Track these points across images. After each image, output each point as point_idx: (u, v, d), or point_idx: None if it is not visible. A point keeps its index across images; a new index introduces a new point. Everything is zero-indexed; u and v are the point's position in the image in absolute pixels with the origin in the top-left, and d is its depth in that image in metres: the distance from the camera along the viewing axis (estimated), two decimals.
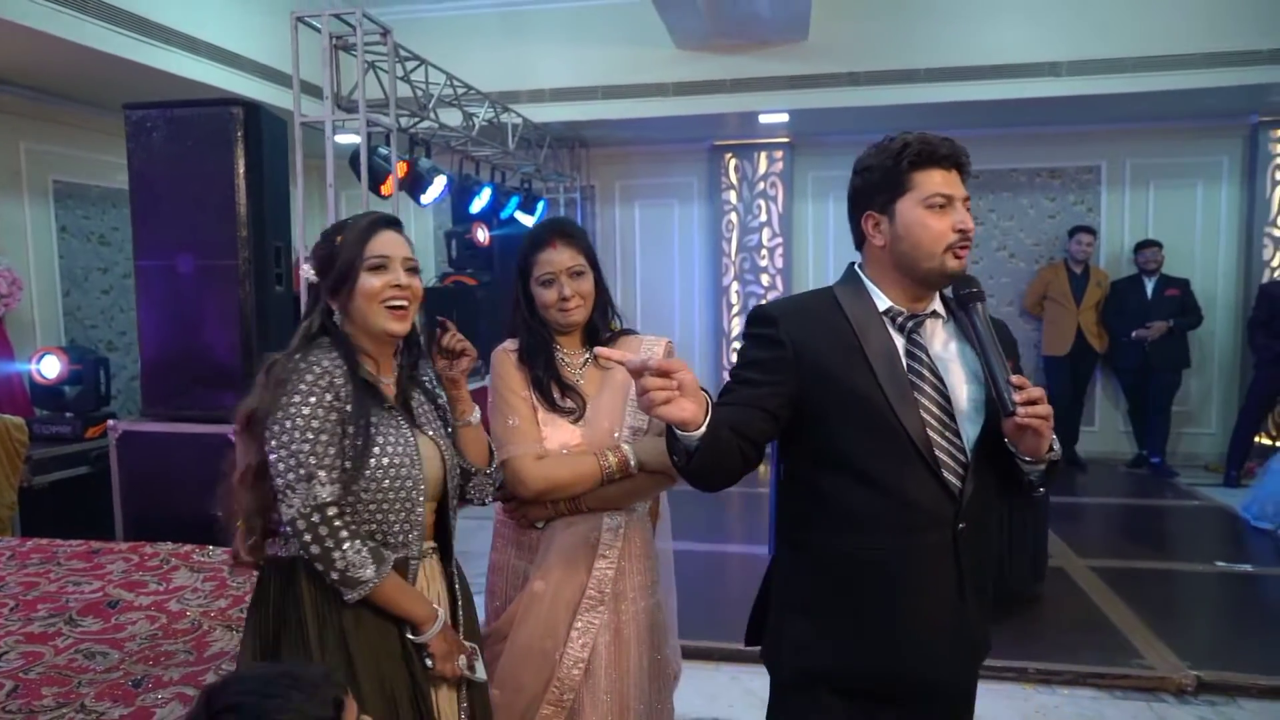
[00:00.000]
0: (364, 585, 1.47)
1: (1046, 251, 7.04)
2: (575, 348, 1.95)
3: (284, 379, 1.49)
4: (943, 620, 1.44)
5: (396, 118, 4.17)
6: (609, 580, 1.86)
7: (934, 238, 1.43)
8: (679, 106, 6.21)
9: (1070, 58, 5.68)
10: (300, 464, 1.45)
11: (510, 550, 1.95)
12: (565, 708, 1.83)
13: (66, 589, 2.97)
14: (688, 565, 4.64)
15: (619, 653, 1.88)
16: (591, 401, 1.90)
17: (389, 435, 1.53)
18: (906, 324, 1.47)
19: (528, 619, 1.84)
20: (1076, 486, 6.20)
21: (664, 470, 1.82)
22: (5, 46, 4.17)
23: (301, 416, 1.46)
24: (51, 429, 4.58)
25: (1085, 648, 3.48)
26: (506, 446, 1.84)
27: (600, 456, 1.83)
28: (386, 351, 1.63)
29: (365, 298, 1.54)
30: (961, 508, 1.42)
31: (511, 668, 1.83)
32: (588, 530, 1.86)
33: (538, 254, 1.89)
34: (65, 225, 5.41)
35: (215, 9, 5.03)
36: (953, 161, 1.47)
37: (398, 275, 1.56)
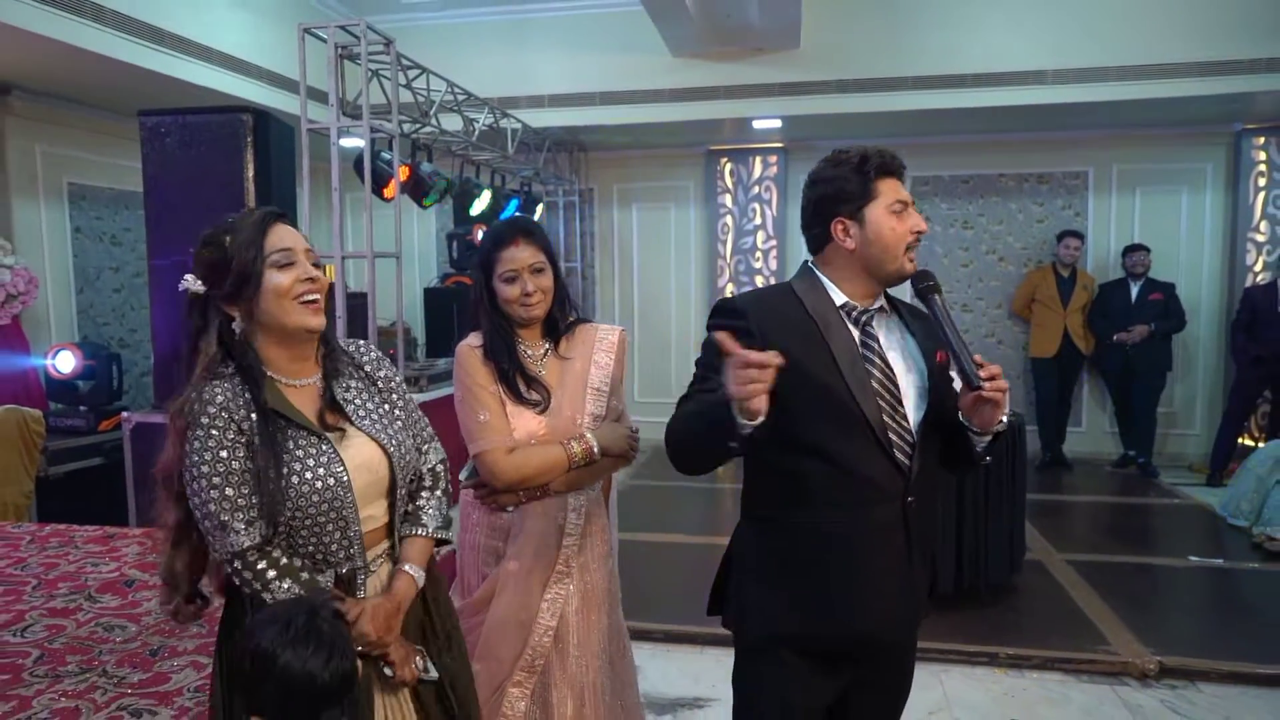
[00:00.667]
0: None
1: (1035, 255, 7.19)
2: (535, 340, 2.05)
3: (187, 424, 1.40)
4: (894, 584, 1.61)
5: (399, 123, 4.34)
6: (574, 554, 2.01)
7: (898, 239, 1.61)
8: (675, 112, 6.38)
9: (1055, 66, 5.83)
10: (210, 514, 1.39)
11: (481, 533, 2.03)
12: (535, 673, 1.98)
13: (85, 569, 3.14)
14: (675, 556, 4.84)
15: (585, 617, 2.03)
16: (555, 392, 2.01)
17: (306, 457, 1.45)
18: (861, 318, 1.63)
19: (504, 595, 1.97)
20: (1061, 485, 6.34)
21: (621, 453, 2.01)
22: (24, 54, 4.35)
23: (205, 464, 1.39)
24: (66, 422, 4.75)
25: (1056, 635, 3.63)
26: (478, 441, 1.93)
27: (566, 445, 1.94)
28: (306, 350, 1.53)
29: (276, 296, 1.44)
30: (910, 483, 1.58)
31: (490, 640, 1.97)
32: (556, 512, 2.00)
33: (500, 251, 1.96)
34: (79, 226, 5.59)
35: (226, 19, 5.21)
36: (902, 171, 1.65)
37: (305, 268, 1.48)
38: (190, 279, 1.47)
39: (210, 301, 1.46)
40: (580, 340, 2.08)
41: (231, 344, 1.46)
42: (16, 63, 4.55)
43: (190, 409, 1.41)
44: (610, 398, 2.05)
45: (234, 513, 1.40)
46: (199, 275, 1.46)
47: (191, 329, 1.48)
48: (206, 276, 1.46)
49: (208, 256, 1.46)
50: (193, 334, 1.48)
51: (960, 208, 7.35)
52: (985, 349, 7.30)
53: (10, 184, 5.09)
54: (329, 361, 1.56)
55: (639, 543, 4.93)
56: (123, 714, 2.14)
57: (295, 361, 1.52)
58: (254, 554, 1.41)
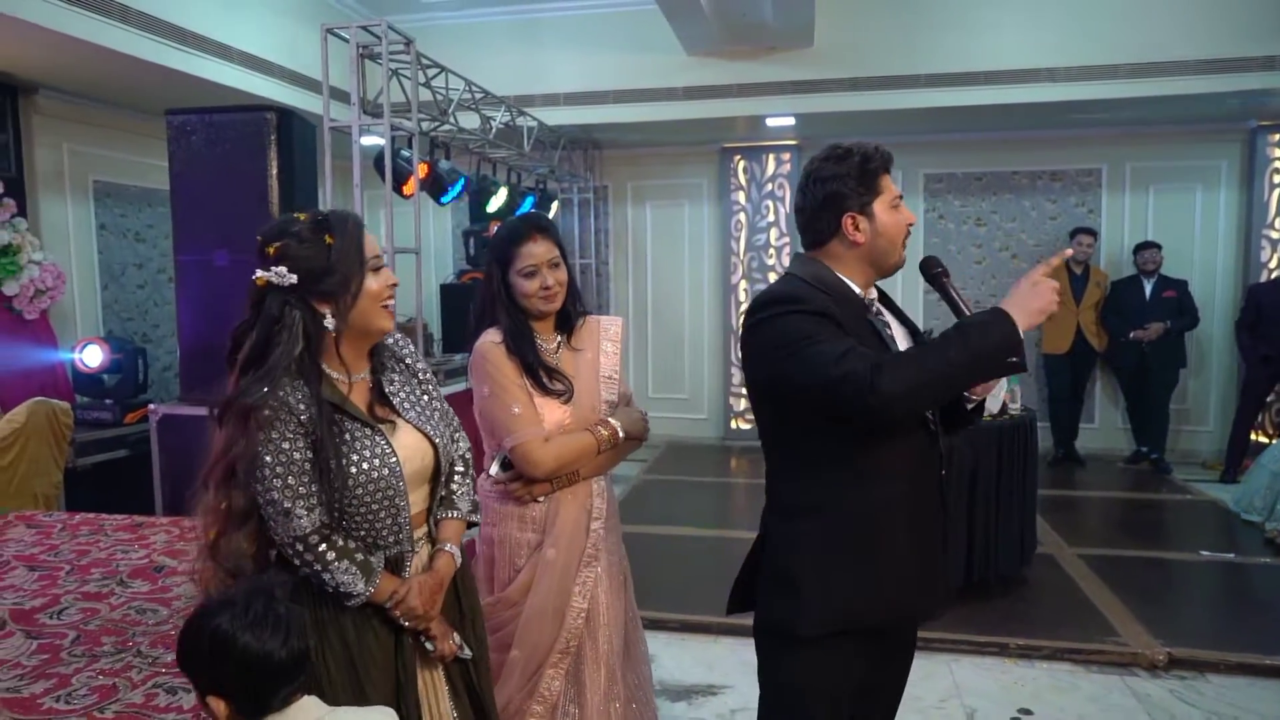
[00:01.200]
0: (356, 599, 1.52)
1: (1048, 252, 7.19)
2: (549, 334, 2.12)
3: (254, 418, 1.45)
4: (936, 555, 1.71)
5: (418, 122, 4.41)
6: (601, 538, 2.09)
7: (898, 233, 1.71)
8: (688, 110, 6.43)
9: (1068, 63, 5.85)
10: (275, 502, 1.46)
11: (512, 524, 2.08)
12: (570, 654, 2.06)
13: (116, 555, 3.23)
14: (687, 548, 4.91)
15: (611, 598, 2.11)
16: (575, 381, 2.09)
17: (363, 449, 1.52)
18: (870, 306, 1.73)
19: (542, 583, 2.04)
20: (1073, 481, 6.37)
21: (639, 435, 2.12)
22: (51, 53, 4.44)
23: (269, 455, 1.45)
24: (92, 414, 4.85)
25: (1066, 626, 3.67)
26: (514, 433, 1.98)
27: (594, 431, 2.04)
28: (366, 348, 1.62)
29: (371, 299, 1.53)
30: (942, 458, 1.69)
31: (529, 628, 2.04)
32: (584, 498, 2.09)
33: (519, 247, 2.02)
34: (104, 223, 5.69)
35: (250, 19, 5.30)
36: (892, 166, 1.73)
37: (389, 274, 1.57)
38: (282, 271, 1.47)
39: (295, 295, 1.48)
40: (587, 332, 2.17)
41: (312, 342, 1.49)
42: (43, 62, 4.65)
43: (256, 405, 1.44)
44: (620, 384, 2.15)
45: (296, 500, 1.47)
46: (293, 269, 1.47)
47: (258, 319, 1.49)
48: (305, 271, 1.48)
49: (309, 253, 1.48)
50: (256, 324, 1.49)
51: (974, 205, 7.37)
52: None
53: (38, 181, 5.19)
54: (376, 357, 1.64)
55: (652, 535, 5.00)
56: (158, 691, 2.22)
57: (356, 358, 1.59)
58: (315, 538, 1.49)
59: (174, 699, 2.19)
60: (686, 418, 7.84)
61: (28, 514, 3.76)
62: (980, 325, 1.50)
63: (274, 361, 1.46)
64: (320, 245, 1.49)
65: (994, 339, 1.48)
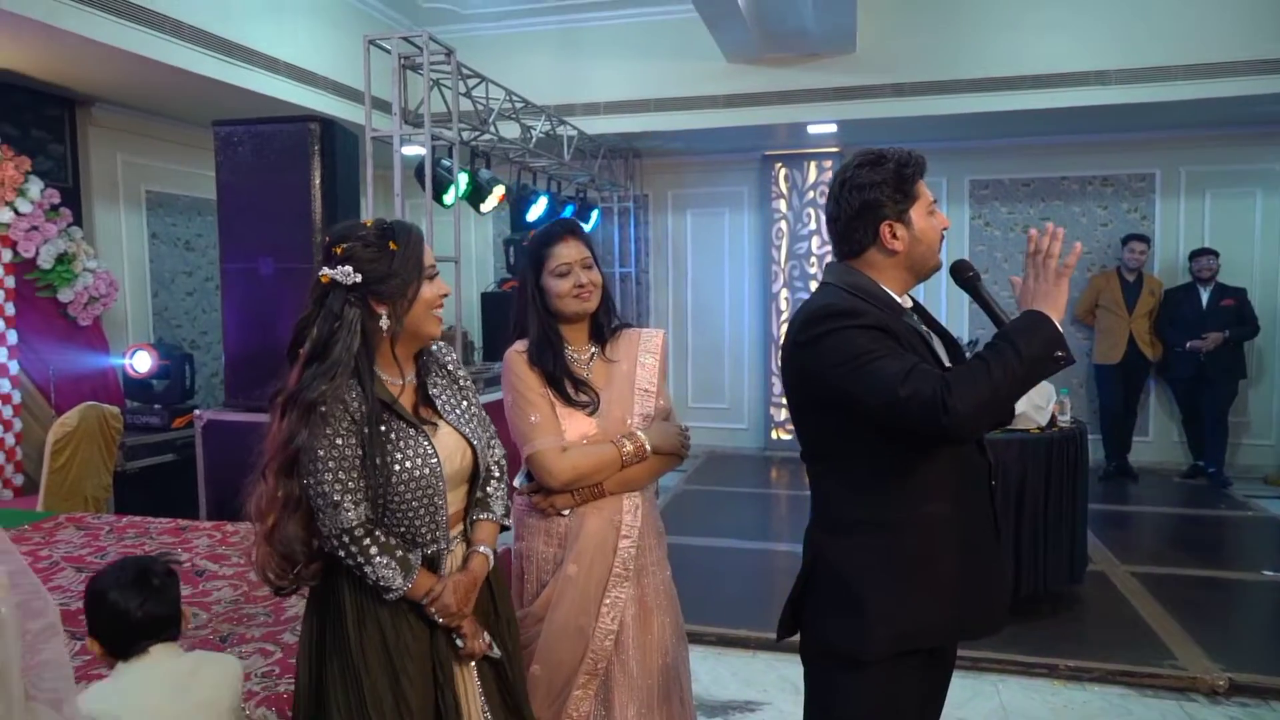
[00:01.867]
0: (395, 593, 1.57)
1: (1099, 259, 7.02)
2: (582, 344, 2.08)
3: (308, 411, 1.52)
4: (993, 570, 1.69)
5: (459, 131, 4.44)
6: (632, 557, 2.01)
7: (936, 237, 1.67)
8: (729, 118, 6.40)
9: (1119, 66, 5.70)
10: (325, 494, 1.53)
11: (538, 538, 2.04)
12: (598, 676, 2.00)
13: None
14: (727, 561, 4.85)
15: (644, 622, 2.04)
16: (603, 394, 2.04)
17: (407, 448, 1.58)
18: (910, 316, 1.69)
19: (563, 600, 1.99)
20: (1127, 495, 6.18)
21: (673, 450, 2.03)
22: (106, 68, 4.56)
23: (322, 449, 1.52)
24: (142, 419, 4.96)
25: (1118, 647, 3.55)
26: (532, 442, 1.95)
27: (618, 443, 1.97)
28: (414, 351, 1.69)
29: (425, 306, 1.61)
30: (992, 468, 1.68)
31: (551, 645, 1.99)
32: (611, 513, 2.01)
33: (551, 248, 2.01)
34: (155, 232, 5.83)
35: (295, 32, 5.40)
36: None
37: (443, 284, 1.66)
38: (347, 270, 1.54)
39: (355, 295, 1.55)
40: (624, 343, 2.11)
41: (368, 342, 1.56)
42: (99, 76, 4.78)
43: (313, 398, 1.51)
44: (657, 398, 2.08)
45: (344, 494, 1.54)
46: (358, 269, 1.55)
47: (319, 314, 1.56)
48: (369, 273, 1.55)
49: (374, 256, 1.56)
50: (315, 320, 1.57)
51: (1021, 211, 7.22)
52: None
53: (93, 191, 5.34)
54: (421, 361, 1.71)
55: (691, 547, 4.95)
56: None
57: (405, 361, 1.67)
58: (360, 531, 1.55)
59: None
60: (727, 427, 7.78)
61: (78, 516, 3.83)
62: (1025, 330, 1.49)
63: (336, 357, 1.54)
64: (384, 250, 1.57)
65: (1040, 341, 1.48)
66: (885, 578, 1.59)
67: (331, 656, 1.61)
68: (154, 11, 4.35)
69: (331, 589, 1.64)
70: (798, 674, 1.77)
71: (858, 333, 1.54)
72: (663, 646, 2.06)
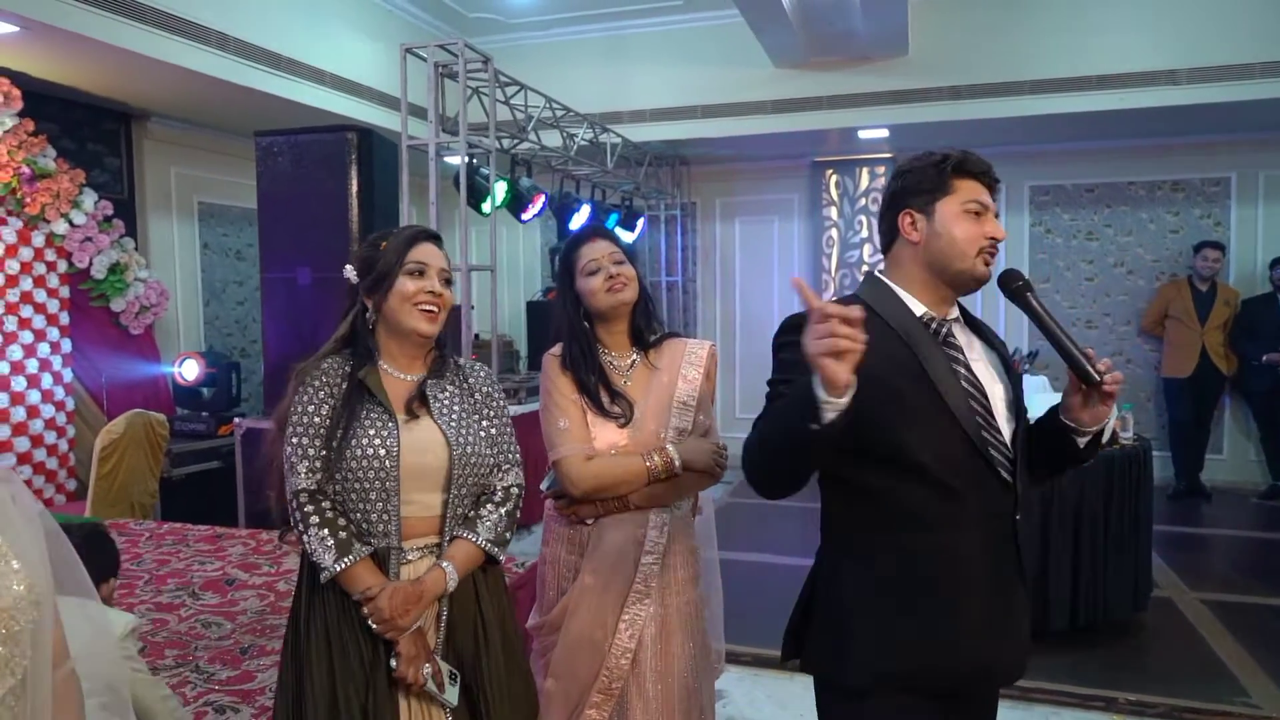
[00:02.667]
0: (324, 571, 1.54)
1: (1168, 268, 6.69)
2: (623, 349, 2.02)
3: (297, 382, 1.64)
4: (1007, 609, 1.50)
5: (497, 139, 4.42)
6: (654, 574, 1.93)
7: (969, 239, 1.48)
8: (778, 124, 6.27)
9: (1190, 65, 5.42)
10: (287, 456, 1.60)
11: (561, 546, 2.00)
12: (614, 695, 1.91)
13: (192, 566, 3.29)
14: (769, 577, 4.70)
15: (665, 643, 1.94)
16: (638, 405, 1.96)
17: (372, 429, 1.59)
18: (941, 329, 1.51)
19: (579, 611, 1.93)
20: (1198, 516, 5.84)
21: (706, 469, 1.92)
22: (160, 82, 4.67)
23: (295, 415, 1.61)
24: (189, 426, 5.04)
25: (1184, 681, 3.31)
26: (558, 447, 1.91)
27: (646, 457, 1.89)
28: (417, 351, 1.70)
29: (400, 298, 1.63)
30: (1018, 499, 1.48)
31: (566, 657, 1.93)
32: (634, 527, 1.94)
33: (579, 249, 1.99)
34: (207, 242, 5.95)
35: (343, 44, 5.46)
36: (989, 177, 1.54)
37: (433, 282, 1.66)
38: (349, 269, 1.72)
39: (357, 291, 1.70)
40: (669, 353, 2.03)
41: (360, 328, 1.69)
42: (154, 91, 4.89)
43: (303, 371, 1.65)
44: (697, 413, 1.98)
45: (301, 459, 1.59)
46: (355, 268, 1.71)
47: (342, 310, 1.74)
48: (359, 269, 1.70)
49: (363, 254, 1.71)
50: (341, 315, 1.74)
51: (1084, 218, 6.92)
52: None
53: (147, 203, 5.47)
54: (436, 367, 1.73)
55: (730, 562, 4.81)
56: (208, 710, 2.20)
57: (405, 358, 1.70)
58: (304, 497, 1.58)
59: (221, 717, 2.17)
60: None
61: (120, 522, 3.90)
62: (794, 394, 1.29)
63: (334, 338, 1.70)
64: (375, 248, 1.70)
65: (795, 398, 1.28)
66: (867, 604, 1.48)
67: (289, 648, 1.63)
68: (205, 27, 4.43)
69: (300, 581, 1.64)
70: None
71: (788, 353, 1.40)
72: (684, 670, 1.97)
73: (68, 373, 4.69)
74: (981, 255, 1.49)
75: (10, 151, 4.27)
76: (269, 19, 4.86)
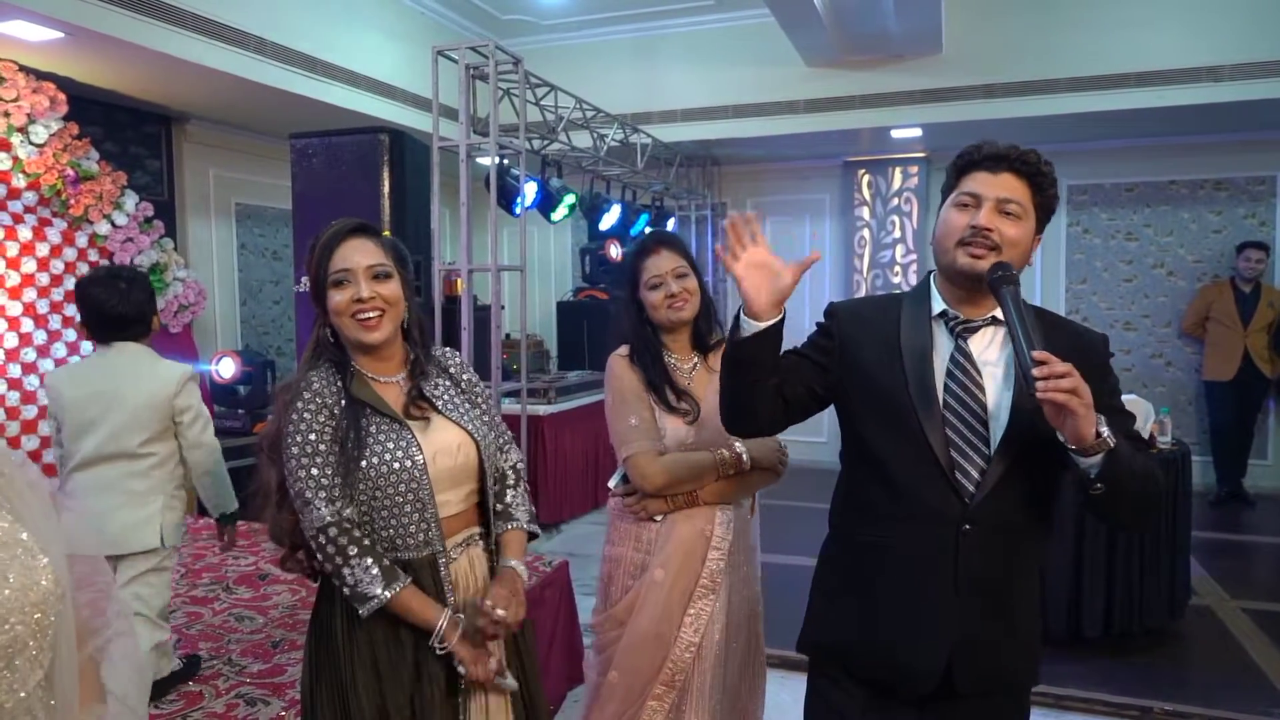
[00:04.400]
0: (371, 602, 1.46)
1: (1210, 269, 6.54)
2: (685, 352, 2.08)
3: (286, 403, 1.53)
4: (939, 617, 1.45)
5: (527, 140, 4.44)
6: (720, 571, 1.98)
7: (948, 231, 1.46)
8: (809, 123, 6.23)
9: (1234, 60, 5.29)
10: (299, 491, 1.49)
11: (629, 543, 2.04)
12: (676, 687, 1.96)
13: (227, 561, 3.35)
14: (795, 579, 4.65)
15: (726, 638, 2.00)
16: (704, 403, 2.00)
17: (386, 443, 1.51)
18: (957, 328, 1.49)
19: (647, 606, 1.97)
20: (1240, 523, 5.70)
21: (770, 466, 2.01)
22: (199, 86, 4.76)
23: (296, 444, 1.49)
24: (226, 423, 5.12)
25: (1223, 690, 3.24)
26: (630, 444, 1.96)
27: (715, 453, 1.96)
28: (385, 353, 1.60)
29: (335, 313, 1.53)
30: (969, 508, 1.42)
31: (631, 651, 1.97)
32: (703, 524, 1.99)
33: (643, 261, 2.04)
34: (244, 243, 6.06)
35: (377, 47, 5.52)
36: (999, 164, 1.46)
37: (359, 288, 1.52)
38: (304, 280, 1.65)
39: None
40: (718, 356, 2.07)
41: (325, 342, 1.60)
42: (193, 94, 4.99)
43: (289, 390, 1.54)
44: None
45: (318, 491, 1.48)
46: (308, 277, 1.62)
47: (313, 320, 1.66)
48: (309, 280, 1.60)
49: (306, 264, 1.60)
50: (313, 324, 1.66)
51: (1123, 218, 6.79)
52: (1152, 370, 6.71)
53: (186, 204, 5.58)
54: (415, 364, 1.64)
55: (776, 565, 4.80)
56: (239, 701, 2.25)
57: (377, 362, 1.60)
58: (334, 529, 1.48)
59: (252, 710, 2.21)
60: (804, 440, 7.53)
61: None
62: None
63: (305, 354, 1.62)
64: (311, 258, 1.58)
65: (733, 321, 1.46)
66: (821, 580, 1.64)
67: (322, 673, 1.53)
68: (243, 31, 4.51)
69: (327, 599, 1.57)
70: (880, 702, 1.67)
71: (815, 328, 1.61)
72: (741, 665, 2.05)
73: None
74: (963, 247, 1.44)
75: (56, 154, 4.38)
76: (305, 23, 4.94)
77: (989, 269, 1.42)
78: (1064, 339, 1.43)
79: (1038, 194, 1.47)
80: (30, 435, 4.35)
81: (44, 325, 4.41)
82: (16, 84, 4.20)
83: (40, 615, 0.86)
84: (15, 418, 4.29)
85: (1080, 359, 1.32)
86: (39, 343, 4.39)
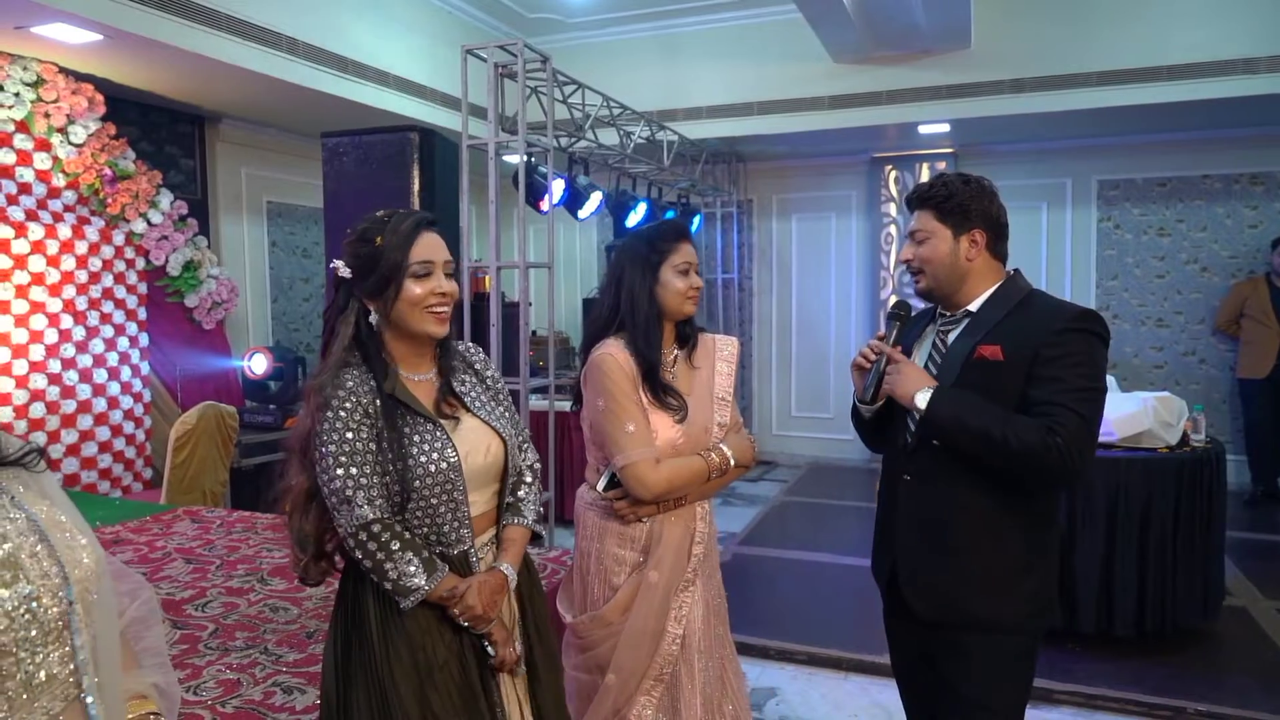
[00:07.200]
0: (416, 594, 1.49)
1: (1245, 265, 6.44)
2: (668, 345, 2.06)
3: (321, 403, 1.50)
4: (888, 519, 1.98)
5: (555, 137, 4.47)
6: (701, 561, 2.02)
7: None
8: (836, 119, 6.21)
9: (1269, 53, 5.20)
10: (337, 490, 1.48)
11: (609, 540, 2.02)
12: (664, 681, 1.98)
13: (261, 553, 3.41)
14: (828, 576, 4.67)
15: (708, 624, 2.03)
16: (690, 399, 2.02)
17: (423, 442, 1.52)
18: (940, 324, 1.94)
19: (642, 607, 1.97)
20: (1276, 523, 5.62)
21: (745, 464, 2.06)
22: (232, 86, 4.83)
23: (333, 443, 1.48)
24: (258, 418, 5.21)
25: (1258, 693, 3.20)
26: (626, 452, 1.92)
27: (705, 456, 1.98)
28: (425, 349, 1.62)
29: (409, 304, 1.53)
30: (904, 459, 1.90)
31: (626, 652, 1.97)
32: (689, 521, 2.03)
33: (679, 243, 2.01)
34: (275, 240, 6.14)
35: (406, 46, 5.58)
36: (911, 205, 1.92)
37: (440, 281, 1.55)
38: (340, 264, 1.57)
39: (353, 289, 1.57)
40: (702, 350, 2.11)
41: (365, 333, 1.57)
42: (226, 94, 5.07)
43: (323, 390, 1.51)
44: (732, 407, 2.09)
45: (357, 490, 1.48)
46: (348, 264, 1.57)
47: (332, 308, 1.60)
48: (355, 268, 1.56)
49: (360, 251, 1.55)
50: (333, 313, 1.60)
51: (1155, 213, 6.71)
52: (1185, 368, 6.62)
53: (219, 203, 5.67)
54: (444, 359, 1.66)
55: (787, 560, 4.81)
56: (276, 690, 2.28)
57: (415, 357, 1.62)
58: (378, 526, 1.49)
59: (289, 698, 2.25)
60: (831, 438, 7.55)
61: (194, 509, 4.05)
62: None
63: (335, 348, 1.55)
64: (370, 245, 1.54)
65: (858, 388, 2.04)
66: None
67: (356, 672, 1.54)
68: (276, 32, 4.58)
69: (355, 600, 1.58)
70: (890, 698, 1.75)
71: None
72: (721, 649, 2.09)
73: (145, 366, 4.88)
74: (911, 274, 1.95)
75: (94, 154, 4.47)
76: (337, 23, 5.00)
77: (897, 304, 1.98)
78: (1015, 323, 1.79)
79: (941, 215, 1.84)
80: (70, 429, 4.45)
81: (82, 321, 4.50)
82: (56, 85, 4.29)
83: (84, 590, 0.91)
84: (55, 412, 4.39)
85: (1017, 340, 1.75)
86: (78, 339, 4.48)
